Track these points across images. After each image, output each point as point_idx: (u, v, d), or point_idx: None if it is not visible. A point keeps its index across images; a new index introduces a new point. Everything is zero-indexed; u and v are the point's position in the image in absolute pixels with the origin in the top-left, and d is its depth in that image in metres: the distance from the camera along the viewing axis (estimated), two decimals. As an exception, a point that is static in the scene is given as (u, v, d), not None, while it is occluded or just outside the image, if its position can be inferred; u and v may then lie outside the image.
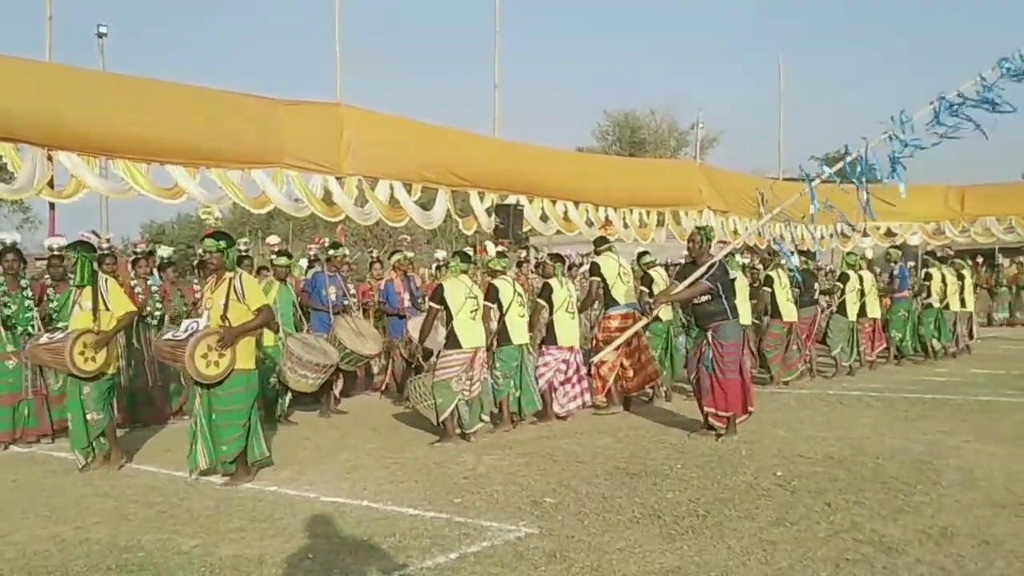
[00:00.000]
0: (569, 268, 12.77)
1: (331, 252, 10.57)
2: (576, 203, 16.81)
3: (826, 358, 13.01)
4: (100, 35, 21.10)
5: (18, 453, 8.19)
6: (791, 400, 10.58)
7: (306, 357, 8.88)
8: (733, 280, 8.91)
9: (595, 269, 9.70)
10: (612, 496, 6.13)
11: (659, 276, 10.60)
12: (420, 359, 8.58)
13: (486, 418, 8.42)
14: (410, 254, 12.06)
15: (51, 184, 10.24)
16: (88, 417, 7.21)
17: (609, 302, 9.62)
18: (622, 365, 9.57)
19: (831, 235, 20.52)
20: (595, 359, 9.34)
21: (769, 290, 11.68)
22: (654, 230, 18.31)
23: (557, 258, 9.80)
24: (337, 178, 12.86)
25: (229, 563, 4.83)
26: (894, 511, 5.64)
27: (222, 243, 6.73)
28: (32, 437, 8.48)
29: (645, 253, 11.38)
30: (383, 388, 11.26)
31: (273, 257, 9.93)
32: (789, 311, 11.74)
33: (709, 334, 8.03)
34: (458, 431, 8.20)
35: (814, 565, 4.66)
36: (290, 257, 10.51)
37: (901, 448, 7.57)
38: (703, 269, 8.02)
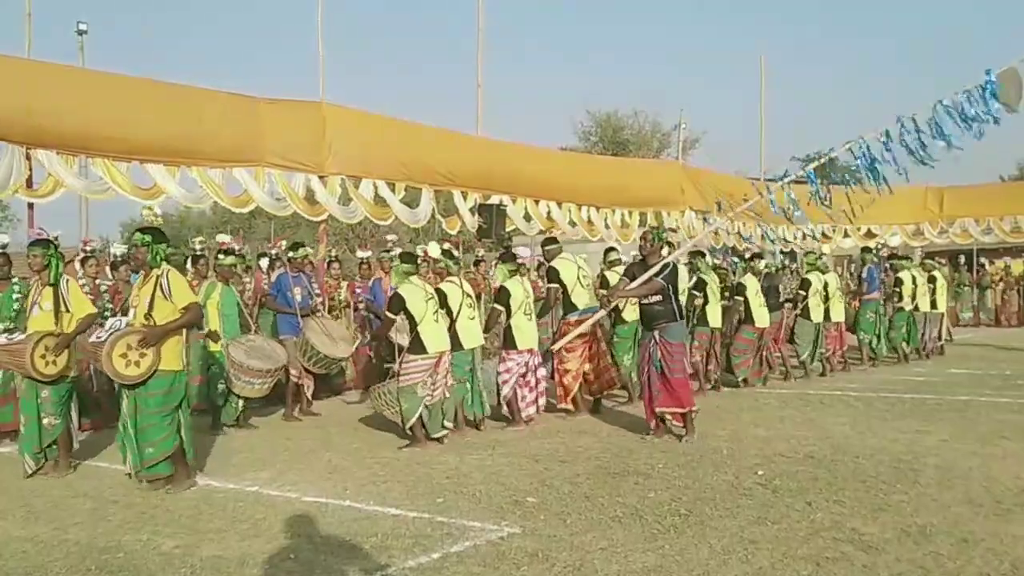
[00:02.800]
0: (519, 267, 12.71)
1: (291, 253, 10.30)
2: (559, 203, 16.82)
3: (795, 360, 13.01)
4: (80, 32, 20.99)
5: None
6: (772, 400, 10.64)
7: (247, 363, 8.58)
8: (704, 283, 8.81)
9: (553, 275, 9.39)
10: (594, 495, 6.14)
11: (615, 277, 10.47)
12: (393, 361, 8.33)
13: (449, 425, 8.23)
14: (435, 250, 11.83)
15: (29, 183, 10.12)
16: (44, 422, 6.99)
17: (568, 307, 9.36)
18: (585, 372, 9.47)
19: (806, 236, 20.60)
20: (555, 347, 9.19)
21: (741, 298, 11.66)
22: (636, 230, 18.36)
23: (510, 259, 9.56)
24: (320, 177, 12.80)
25: (210, 564, 4.81)
26: (874, 510, 5.68)
27: (147, 237, 6.46)
28: None
29: (612, 250, 11.29)
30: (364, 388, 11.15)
31: (221, 257, 9.47)
32: (762, 316, 11.70)
33: (656, 334, 8.06)
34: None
35: (795, 564, 4.69)
36: (238, 256, 10.16)
37: (880, 447, 7.62)
38: (657, 268, 8.03)
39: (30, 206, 10.49)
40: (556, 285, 9.35)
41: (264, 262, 11.98)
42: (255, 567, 4.76)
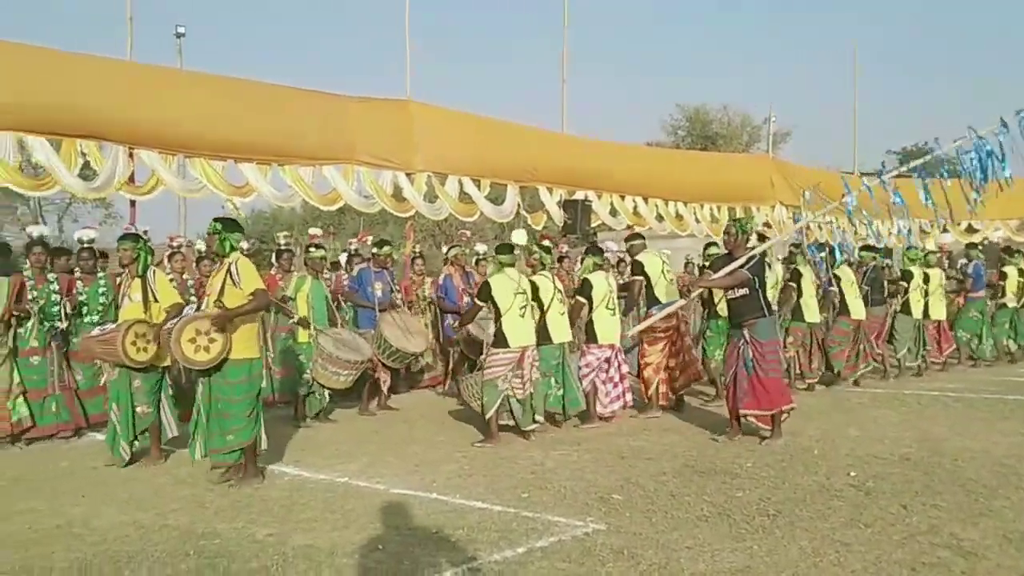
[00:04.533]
0: (618, 263, 12.58)
1: (376, 250, 10.40)
2: (645, 198, 16.69)
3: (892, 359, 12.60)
4: (178, 35, 21.73)
5: (97, 441, 8.21)
6: (865, 399, 10.35)
7: (336, 354, 8.63)
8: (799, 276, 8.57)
9: (638, 267, 9.33)
10: (680, 494, 6.07)
11: None
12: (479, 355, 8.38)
13: (540, 419, 8.19)
14: (480, 248, 11.84)
15: (131, 180, 10.54)
16: (137, 410, 7.21)
17: (651, 301, 9.26)
18: (667, 366, 9.32)
19: (908, 231, 19.90)
20: (630, 333, 9.07)
21: (835, 288, 11.35)
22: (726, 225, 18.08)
23: (597, 252, 9.48)
24: (407, 174, 12.99)
25: (302, 552, 4.92)
26: (973, 515, 5.48)
27: (219, 226, 6.53)
28: (68, 432, 8.35)
29: (713, 244, 11.14)
30: (444, 384, 11.19)
31: (311, 250, 9.54)
32: (857, 308, 11.39)
33: (746, 332, 7.79)
34: (503, 423, 8.04)
35: (889, 568, 4.56)
36: (326, 250, 10.22)
37: (981, 450, 7.34)
38: (743, 259, 7.82)
39: (132, 203, 10.93)
40: (640, 277, 9.27)
41: (343, 256, 12.13)
42: (345, 557, 4.85)
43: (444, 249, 12.34)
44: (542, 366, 8.35)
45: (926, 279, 12.53)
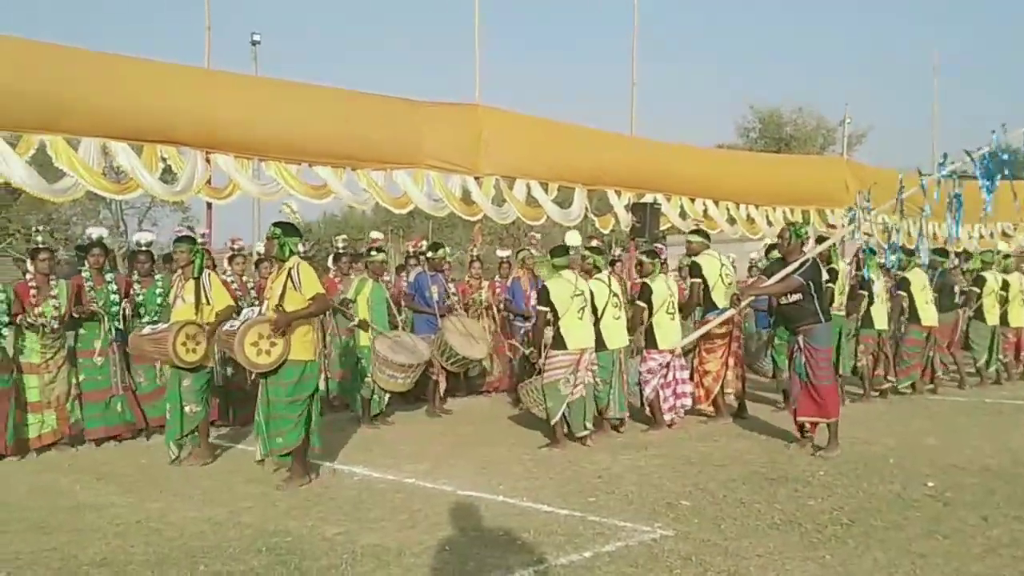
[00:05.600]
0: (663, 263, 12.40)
1: (430, 253, 10.40)
2: (716, 200, 16.49)
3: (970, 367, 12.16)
4: (254, 42, 22.26)
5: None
6: (943, 408, 10.06)
7: (392, 358, 8.66)
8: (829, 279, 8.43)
9: (696, 270, 9.07)
10: (750, 501, 5.98)
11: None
12: (540, 363, 8.22)
13: (590, 425, 8.08)
14: (537, 252, 11.79)
15: (209, 183, 10.81)
16: (186, 409, 7.33)
17: (709, 305, 9.02)
18: (727, 374, 9.13)
19: (989, 234, 19.26)
20: (678, 345, 8.86)
21: (904, 293, 11.02)
22: (780, 230, 17.72)
23: (654, 255, 9.27)
24: (475, 178, 13.07)
25: (370, 551, 4.98)
26: (1058, 528, 5.29)
27: (278, 230, 6.60)
28: (128, 433, 8.48)
29: (776, 247, 10.88)
30: (508, 388, 11.14)
31: (372, 253, 9.54)
32: (928, 315, 11.01)
33: (800, 339, 7.58)
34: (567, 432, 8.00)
35: (968, 582, 4.42)
36: (387, 254, 10.20)
37: (1067, 462, 7.08)
38: (795, 265, 7.60)
39: (208, 207, 11.20)
40: (698, 280, 9.02)
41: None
42: (412, 556, 4.90)
43: (504, 252, 12.29)
44: (601, 373, 8.29)
45: (1005, 285, 12.06)
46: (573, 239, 8.63)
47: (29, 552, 5.05)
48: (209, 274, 7.48)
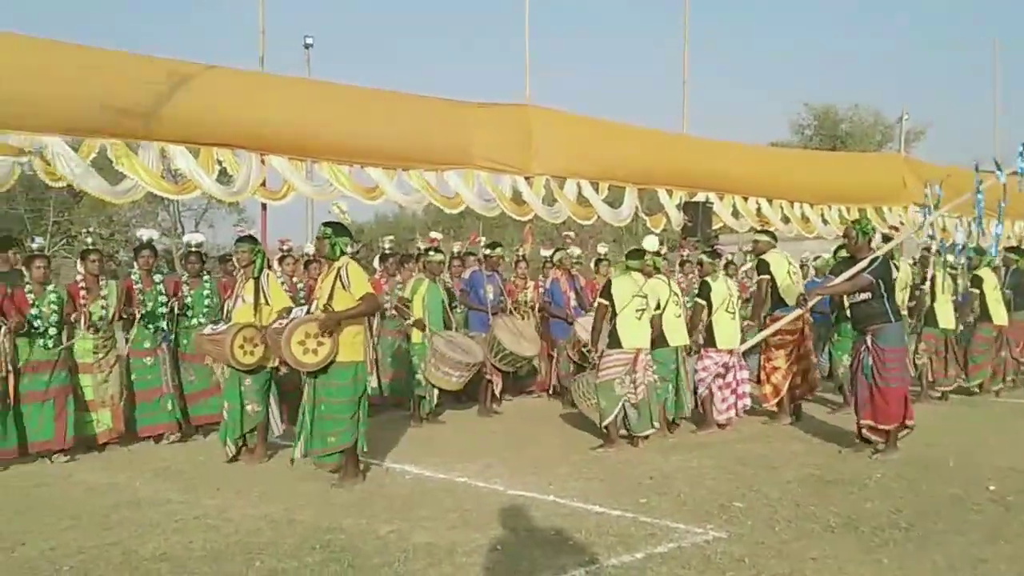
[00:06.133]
0: (726, 266, 12.26)
1: (487, 251, 10.40)
2: (770, 199, 16.30)
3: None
4: (307, 45, 22.55)
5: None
6: (1006, 410, 9.83)
7: (449, 355, 8.72)
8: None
9: (764, 267, 9.00)
10: (805, 503, 5.90)
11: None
12: (594, 357, 8.24)
13: (658, 424, 8.05)
14: (576, 252, 11.60)
15: (263, 185, 11.00)
16: (247, 408, 7.40)
17: (777, 303, 8.91)
18: (793, 372, 8.99)
19: None
20: (743, 347, 8.76)
21: (977, 291, 10.75)
22: (845, 228, 17.41)
23: (714, 255, 9.23)
24: (526, 178, 13.10)
25: (423, 549, 5.02)
26: None
27: (329, 230, 6.66)
28: (173, 431, 8.53)
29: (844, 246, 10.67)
30: (548, 390, 11.09)
31: (430, 253, 9.51)
32: (999, 313, 10.75)
33: (868, 338, 7.40)
34: (623, 433, 7.96)
35: (1032, 588, 4.32)
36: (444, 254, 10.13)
37: None
38: (864, 263, 7.43)
39: (263, 208, 11.40)
40: (766, 277, 8.94)
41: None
42: (464, 555, 4.92)
43: (548, 252, 12.24)
44: (660, 371, 8.24)
45: None
46: (652, 244, 8.52)
47: (92, 546, 5.18)
48: (268, 274, 7.58)
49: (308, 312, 6.73)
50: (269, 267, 8.09)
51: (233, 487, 6.65)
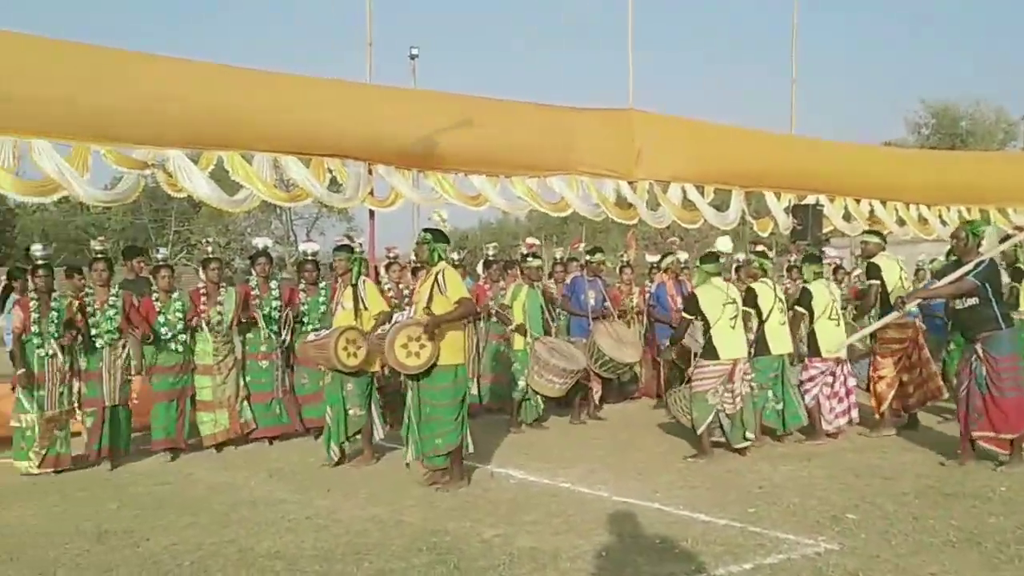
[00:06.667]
0: (835, 270, 11.86)
1: (588, 257, 10.32)
2: (884, 201, 15.76)
3: None
4: (412, 56, 22.99)
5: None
6: None
7: (552, 362, 8.69)
8: None
9: (873, 271, 8.56)
10: (923, 516, 5.68)
11: None
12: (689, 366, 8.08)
13: (751, 436, 7.81)
14: (683, 256, 11.47)
15: (372, 194, 11.27)
16: (350, 412, 7.55)
17: (888, 309, 8.38)
18: (901, 381, 8.59)
19: None
20: (836, 350, 8.35)
21: None
22: (954, 229, 16.62)
23: (815, 260, 8.89)
24: (629, 182, 13.03)
25: (527, 554, 5.04)
26: None
27: (428, 236, 6.79)
28: (283, 433, 8.83)
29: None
30: (653, 395, 10.98)
31: (528, 259, 9.52)
32: None
33: (979, 347, 7.02)
34: (715, 439, 7.77)
35: None
36: (543, 260, 10.17)
37: None
38: (969, 266, 7.03)
39: (371, 216, 11.67)
40: (876, 281, 8.52)
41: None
42: (568, 561, 4.92)
43: (653, 258, 12.12)
44: (759, 378, 8.05)
45: None
46: (725, 245, 8.38)
47: (210, 543, 5.40)
48: (365, 280, 7.75)
49: (408, 316, 6.87)
50: (367, 274, 8.28)
51: (342, 489, 6.82)
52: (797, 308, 8.55)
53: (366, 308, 7.52)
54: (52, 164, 8.88)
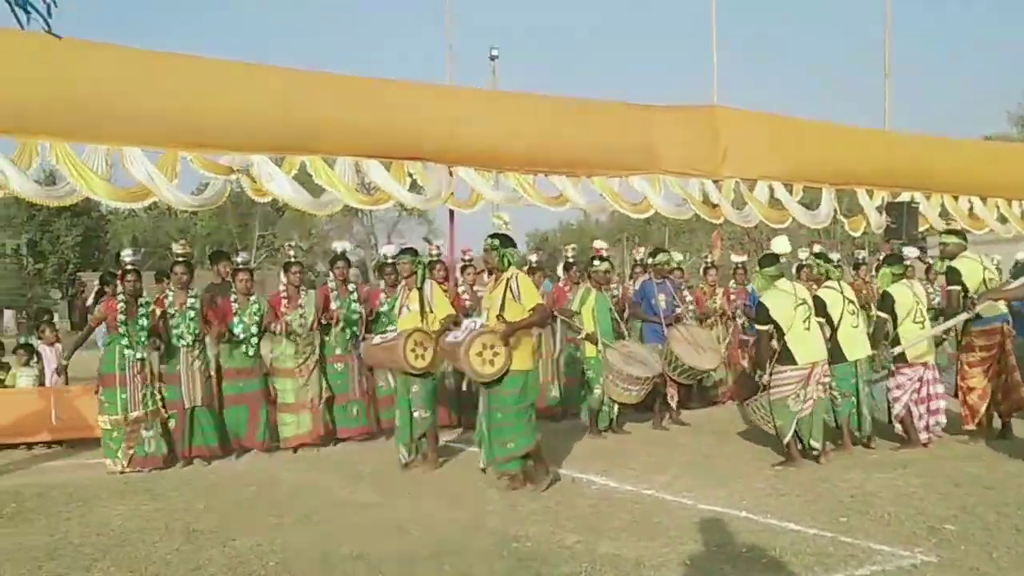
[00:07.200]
0: (927, 270, 11.38)
1: (651, 259, 10.11)
2: (983, 198, 15.14)
3: None
4: (492, 58, 23.05)
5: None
6: None
7: (625, 370, 8.49)
8: None
9: (953, 276, 8.13)
10: (1028, 529, 5.39)
11: None
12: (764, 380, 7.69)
13: (816, 444, 7.47)
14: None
15: (451, 195, 11.31)
16: (415, 415, 7.54)
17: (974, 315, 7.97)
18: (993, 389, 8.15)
19: None
20: (896, 350, 7.95)
21: None
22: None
23: (896, 261, 8.49)
24: (714, 181, 12.80)
25: (609, 560, 4.95)
26: None
27: (496, 242, 6.75)
28: (363, 435, 8.93)
29: None
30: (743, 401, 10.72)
31: (596, 263, 9.32)
32: None
33: None
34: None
35: None
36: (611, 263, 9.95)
37: None
38: None
39: (451, 218, 11.72)
40: (956, 287, 8.11)
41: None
42: (651, 568, 4.81)
43: (739, 258, 11.83)
44: (841, 386, 7.77)
45: None
46: (782, 246, 7.94)
47: (295, 544, 5.45)
48: (431, 284, 7.76)
49: (480, 323, 6.84)
50: (446, 277, 8.28)
51: (424, 491, 6.83)
52: (879, 314, 8.20)
53: (432, 311, 7.53)
54: (143, 171, 9.16)
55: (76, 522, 6.13)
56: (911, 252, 9.93)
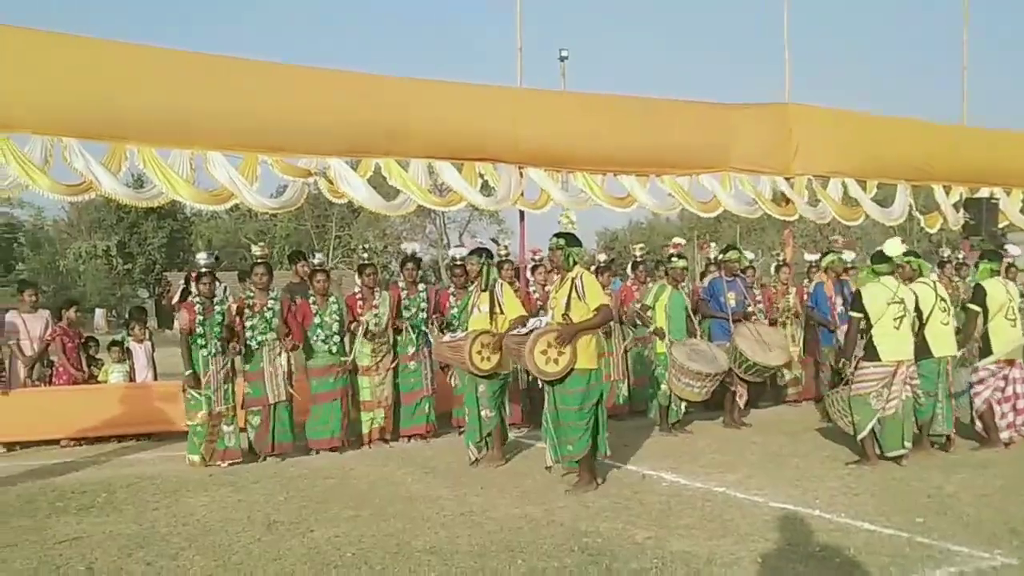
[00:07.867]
0: (1008, 269, 11.02)
1: (721, 257, 10.07)
2: (1070, 193, 14.64)
3: None
4: (562, 59, 23.09)
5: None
6: None
7: (689, 366, 8.48)
8: None
9: None
10: (1116, 533, 5.25)
11: None
12: (849, 372, 7.59)
13: (909, 445, 7.35)
14: (847, 256, 10.87)
15: (522, 196, 11.40)
16: (482, 414, 7.67)
17: None
18: None
19: None
20: (1007, 352, 7.76)
21: None
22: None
23: (994, 256, 8.32)
24: (786, 179, 12.64)
25: (679, 557, 4.98)
26: None
27: (562, 241, 6.77)
28: (432, 433, 9.10)
29: None
30: (816, 399, 10.45)
31: (673, 260, 9.39)
32: None
33: None
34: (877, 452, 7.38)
35: None
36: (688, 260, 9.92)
37: None
38: None
39: (521, 218, 11.80)
40: None
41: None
42: (722, 566, 4.83)
43: (811, 257, 11.63)
44: (925, 385, 7.62)
45: None
46: (894, 248, 7.63)
47: (370, 536, 5.60)
48: (502, 284, 7.84)
49: (546, 322, 6.90)
50: (517, 277, 8.35)
51: (496, 486, 6.93)
52: (971, 306, 8.08)
53: (502, 312, 7.60)
54: (224, 174, 9.45)
55: (163, 512, 6.38)
56: (1014, 250, 9.70)
